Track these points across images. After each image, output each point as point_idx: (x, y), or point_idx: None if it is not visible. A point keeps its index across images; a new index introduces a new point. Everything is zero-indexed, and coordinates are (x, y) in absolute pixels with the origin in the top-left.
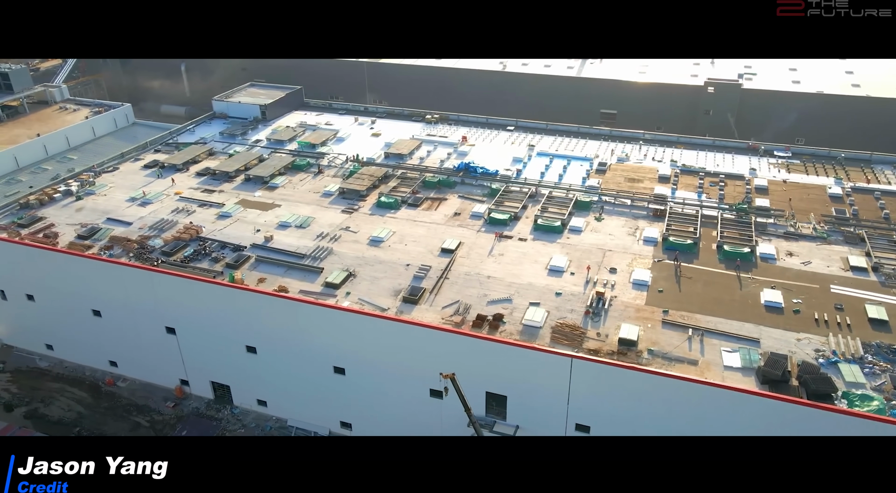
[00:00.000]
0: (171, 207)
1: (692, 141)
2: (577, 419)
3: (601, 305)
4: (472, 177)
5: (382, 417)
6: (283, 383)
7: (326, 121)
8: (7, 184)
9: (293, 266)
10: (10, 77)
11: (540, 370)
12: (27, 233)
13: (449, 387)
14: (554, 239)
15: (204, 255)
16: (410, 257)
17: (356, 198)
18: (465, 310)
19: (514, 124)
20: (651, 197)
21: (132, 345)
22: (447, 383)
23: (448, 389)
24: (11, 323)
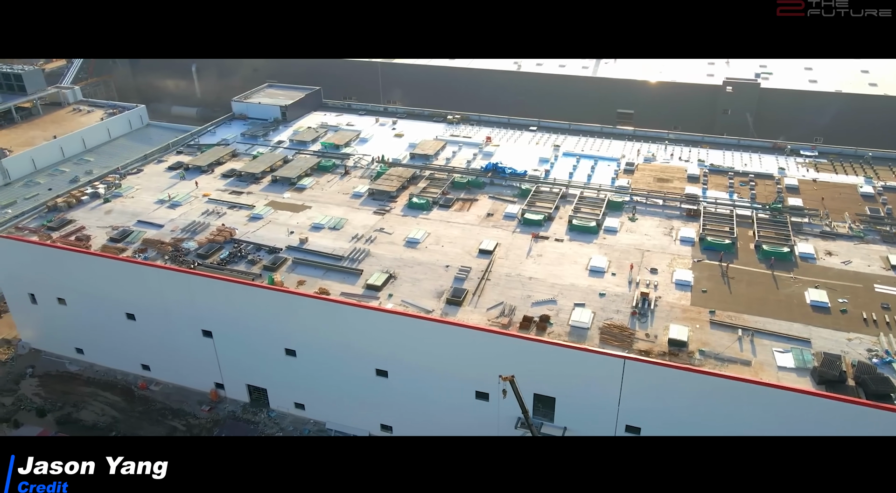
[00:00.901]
0: (201, 209)
1: (717, 140)
2: (627, 420)
3: (647, 305)
4: (500, 177)
5: (425, 419)
6: (323, 385)
7: (347, 122)
8: (25, 186)
9: (331, 268)
10: (24, 78)
11: (591, 372)
12: (58, 236)
13: (507, 389)
14: (590, 239)
15: (240, 257)
16: (448, 258)
17: (386, 199)
18: (510, 311)
19: (537, 124)
20: (682, 197)
21: (167, 348)
22: (506, 386)
23: (507, 391)
24: (40, 327)
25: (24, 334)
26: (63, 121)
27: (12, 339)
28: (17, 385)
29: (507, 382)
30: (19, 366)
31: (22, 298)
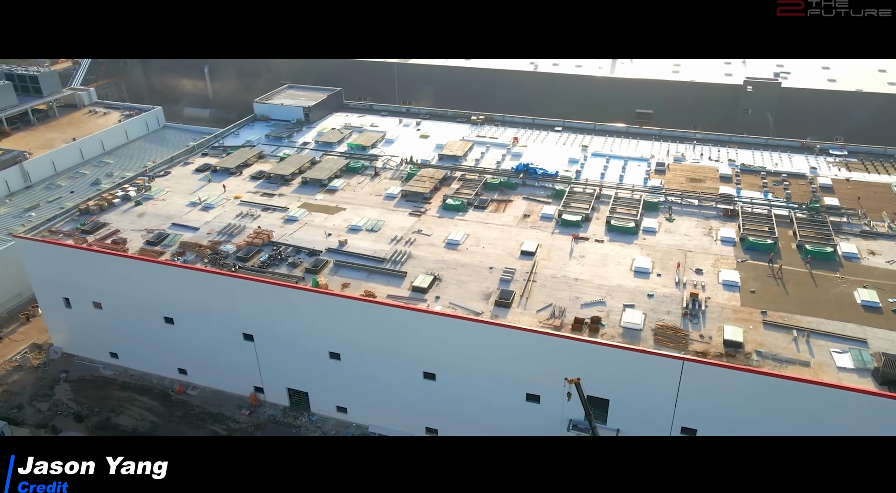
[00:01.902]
0: (235, 211)
1: (744, 140)
2: (683, 422)
3: (697, 306)
4: (532, 178)
5: (472, 422)
6: (367, 389)
7: (371, 123)
8: (47, 189)
9: (375, 270)
10: (40, 80)
11: (648, 373)
12: (94, 240)
13: (572, 392)
14: (630, 240)
15: (280, 260)
16: (491, 259)
17: (420, 200)
18: (560, 313)
19: (562, 125)
20: (717, 197)
21: (205, 352)
22: (571, 388)
23: (571, 393)
24: (74, 331)
25: (55, 338)
26: (80, 123)
27: (43, 343)
28: (51, 390)
29: (573, 384)
30: (52, 371)
31: (56, 302)
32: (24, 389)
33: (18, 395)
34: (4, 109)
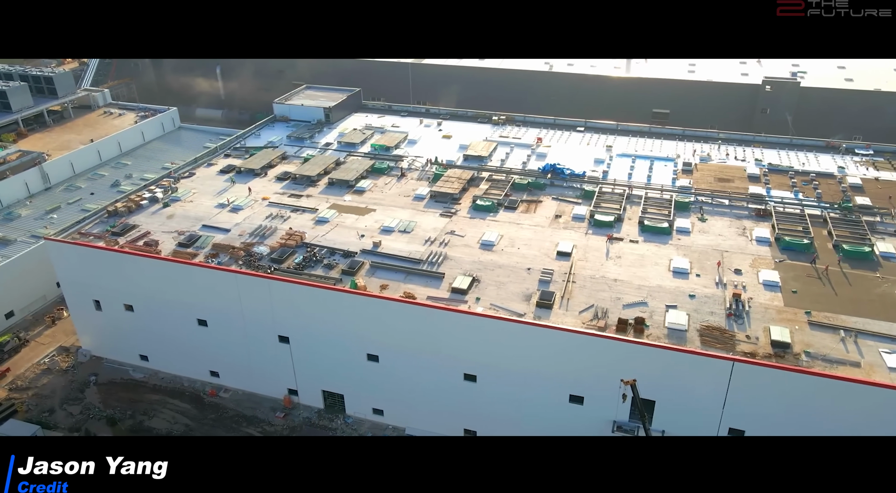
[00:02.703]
0: (264, 212)
1: (769, 140)
2: (731, 422)
3: (740, 307)
4: (560, 178)
5: (513, 423)
6: (406, 391)
7: (392, 123)
8: (67, 191)
9: (412, 272)
10: (55, 81)
11: (696, 374)
12: (125, 242)
13: (628, 393)
14: (665, 240)
15: (315, 261)
16: (528, 260)
17: (449, 201)
18: (603, 314)
19: (584, 125)
20: (748, 197)
21: (239, 355)
22: (626, 390)
23: (626, 395)
24: (104, 334)
25: (84, 341)
26: (95, 124)
27: (70, 346)
28: (81, 393)
29: (629, 386)
30: (81, 374)
31: (86, 304)
32: (55, 392)
33: (49, 398)
34: (20, 111)
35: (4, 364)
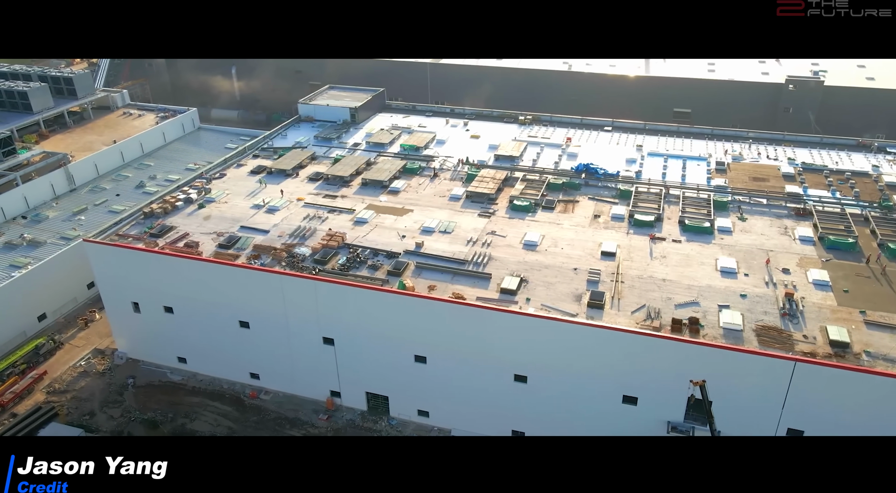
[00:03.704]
0: (301, 213)
1: (798, 139)
2: (791, 423)
3: (794, 306)
4: (595, 178)
5: (563, 424)
6: (453, 392)
7: (418, 123)
8: (91, 192)
9: (458, 272)
10: (75, 82)
11: (756, 374)
12: (165, 243)
13: (696, 394)
14: (707, 240)
15: (359, 262)
16: (573, 260)
17: (486, 201)
18: (656, 314)
19: (611, 124)
20: (785, 195)
21: (281, 357)
22: (695, 391)
23: (694, 396)
24: (142, 336)
25: (120, 343)
26: (115, 125)
27: (105, 348)
28: (120, 396)
29: (698, 387)
30: (119, 376)
31: (123, 306)
32: (94, 395)
33: (88, 401)
34: (41, 112)
35: (41, 367)
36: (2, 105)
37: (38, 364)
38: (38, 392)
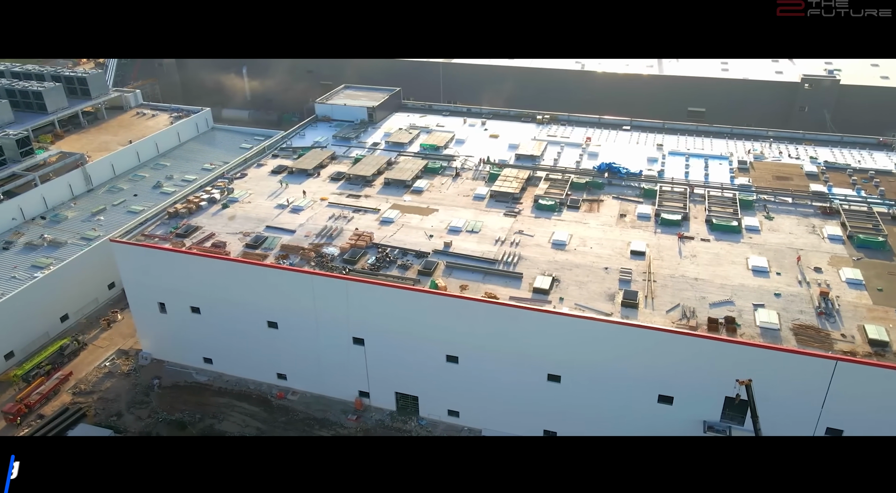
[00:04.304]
0: (326, 213)
1: (818, 137)
2: (830, 422)
3: (829, 305)
4: (618, 177)
5: (597, 423)
6: (485, 392)
7: (436, 123)
8: (109, 192)
9: (489, 272)
10: (88, 82)
11: (795, 373)
12: (192, 243)
13: (742, 393)
14: (736, 239)
15: (389, 262)
16: (602, 260)
17: (510, 201)
18: (691, 313)
19: (630, 124)
20: (811, 194)
21: (310, 357)
22: (740, 390)
23: (740, 395)
24: (167, 336)
25: (144, 343)
26: (130, 125)
27: (129, 349)
28: (146, 397)
29: (744, 386)
30: (144, 377)
31: (149, 307)
32: (120, 396)
33: (115, 402)
34: (56, 112)
35: (66, 368)
36: (16, 105)
37: (62, 365)
38: (64, 393)
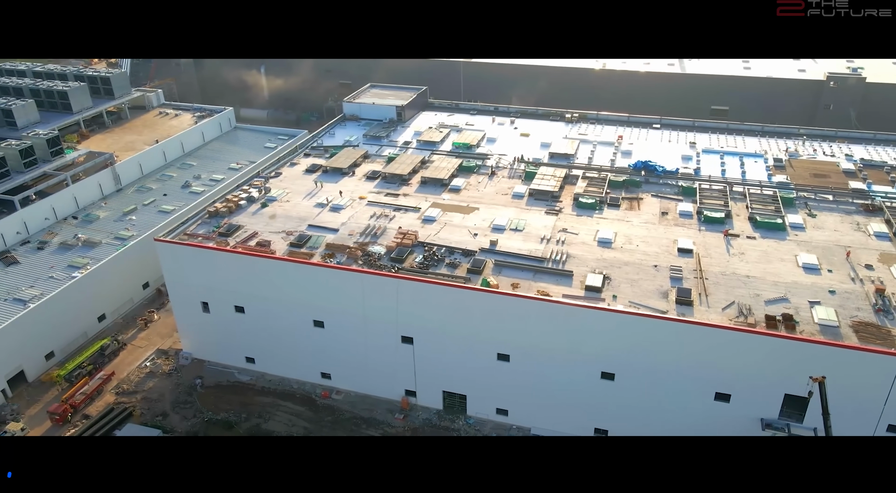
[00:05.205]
0: (367, 212)
1: (851, 135)
2: (892, 419)
3: (886, 302)
4: (655, 175)
5: (650, 421)
6: (536, 390)
7: (465, 122)
8: (138, 192)
9: (539, 270)
10: (112, 81)
11: (859, 371)
12: (237, 242)
13: (814, 390)
14: (781, 236)
15: (437, 260)
16: (650, 257)
17: (550, 199)
18: (747, 311)
19: (660, 122)
20: (850, 191)
21: (356, 356)
22: (813, 387)
23: (812, 392)
24: (209, 336)
25: (185, 343)
26: (153, 125)
27: (168, 349)
28: (190, 397)
29: (817, 383)
30: (186, 377)
31: (192, 306)
32: (163, 396)
33: (159, 402)
34: (81, 111)
35: (108, 368)
36: (40, 105)
37: (103, 365)
38: (108, 393)
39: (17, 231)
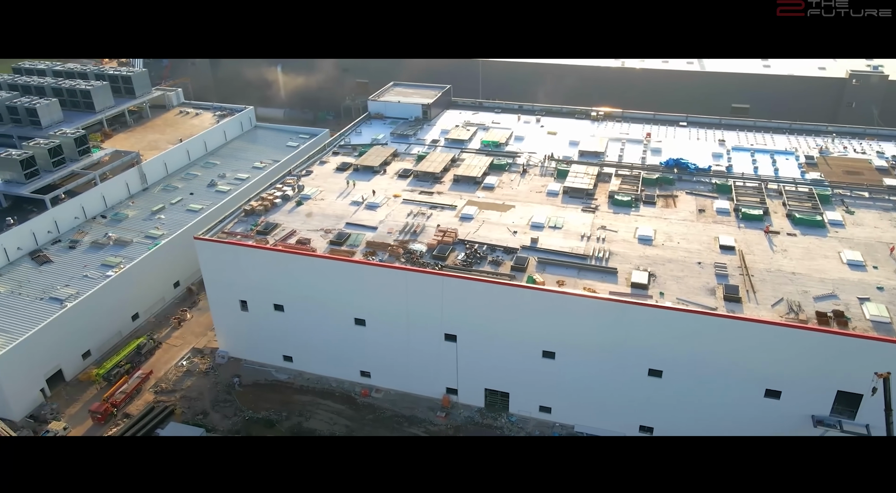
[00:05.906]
0: (403, 210)
1: (881, 133)
2: None
3: None
4: (688, 173)
5: (697, 419)
6: (580, 387)
7: (491, 120)
8: (164, 191)
9: (583, 267)
10: (133, 81)
11: None
12: (277, 241)
13: (878, 387)
14: (822, 233)
15: (479, 258)
16: (693, 254)
17: (584, 196)
18: (797, 307)
19: (686, 120)
20: (886, 188)
21: (397, 354)
22: (878, 383)
23: (877, 388)
24: (246, 335)
25: (221, 342)
26: (175, 124)
27: (204, 347)
28: (229, 395)
29: (882, 379)
30: (223, 375)
31: (230, 305)
32: (203, 394)
33: (199, 401)
34: (103, 110)
35: (145, 367)
36: (63, 104)
37: (140, 364)
38: (146, 392)
39: (49, 230)
